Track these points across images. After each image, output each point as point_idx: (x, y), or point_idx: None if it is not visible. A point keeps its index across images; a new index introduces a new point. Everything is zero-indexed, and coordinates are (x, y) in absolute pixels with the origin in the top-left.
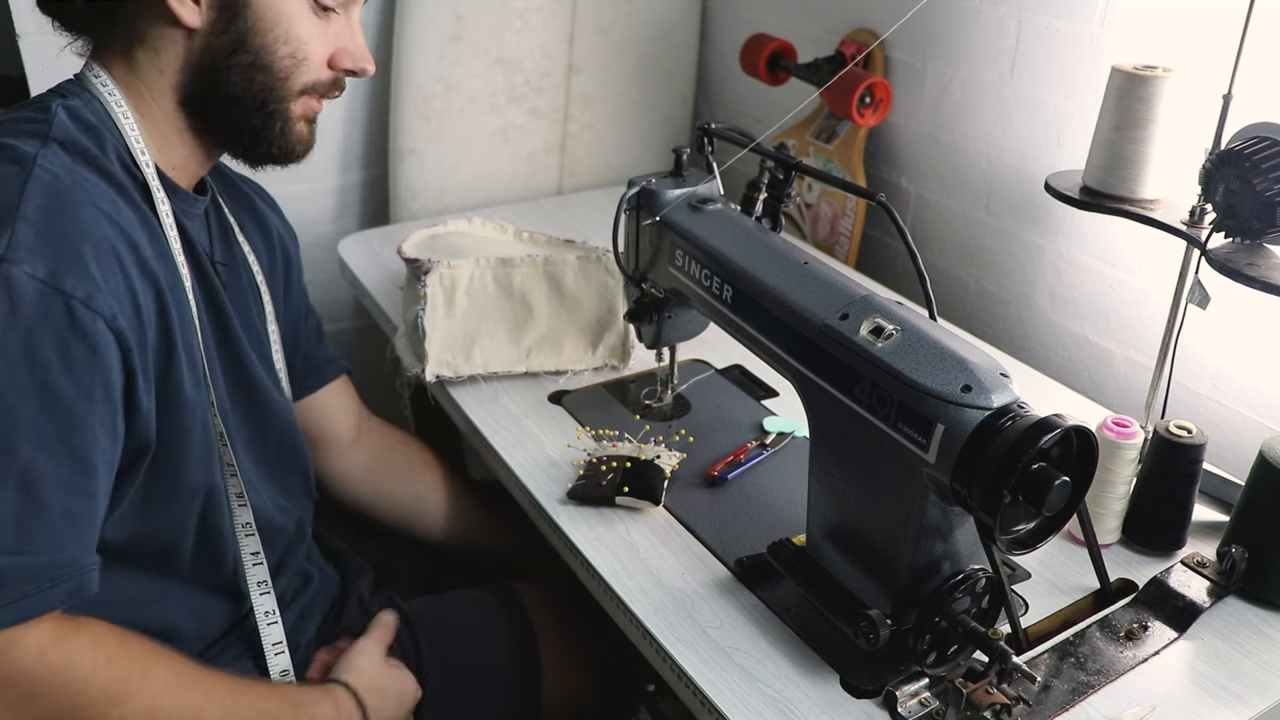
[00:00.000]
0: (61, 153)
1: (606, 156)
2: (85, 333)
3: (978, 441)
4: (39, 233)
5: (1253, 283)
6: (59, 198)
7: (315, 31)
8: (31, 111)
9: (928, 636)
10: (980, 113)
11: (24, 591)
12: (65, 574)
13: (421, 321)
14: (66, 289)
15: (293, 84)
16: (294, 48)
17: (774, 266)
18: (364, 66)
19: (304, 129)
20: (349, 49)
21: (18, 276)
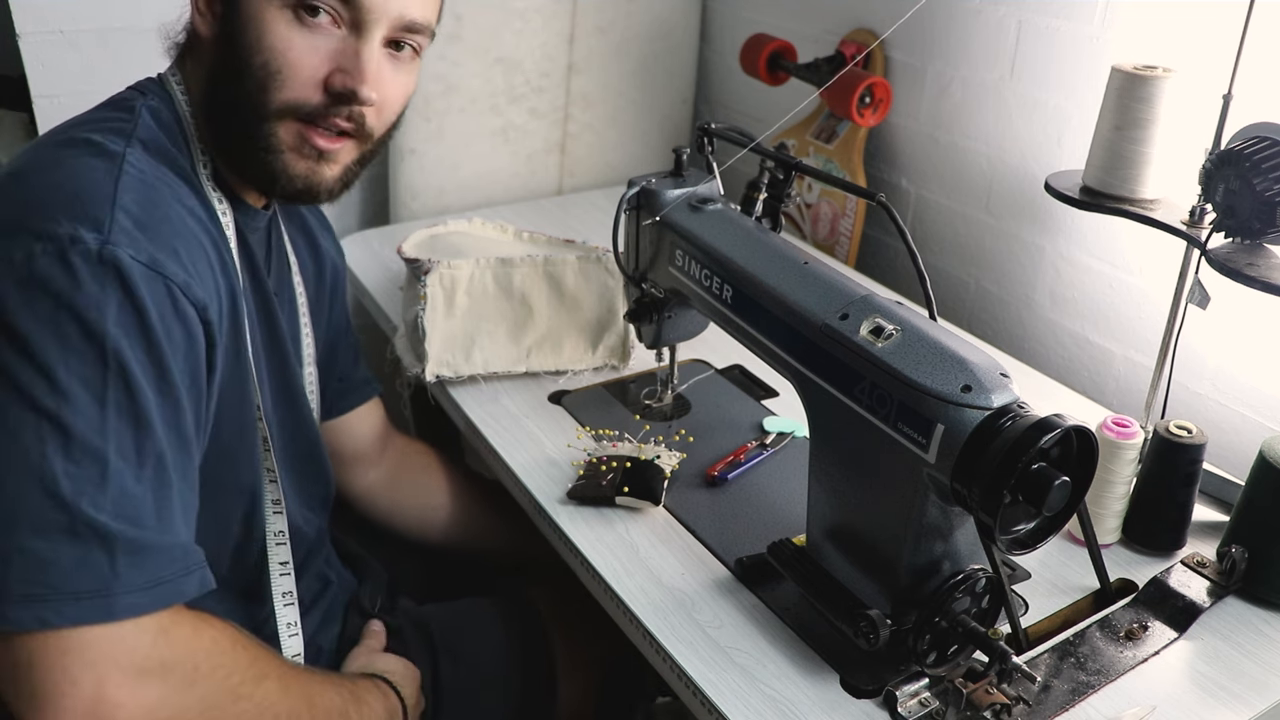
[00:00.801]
0: (144, 153)
1: (606, 156)
2: (185, 317)
3: (978, 441)
4: (136, 223)
5: (1253, 283)
6: (149, 193)
7: (298, 44)
8: (116, 111)
9: (928, 636)
10: (980, 113)
11: (164, 575)
12: (195, 562)
13: (421, 321)
14: (168, 274)
15: (267, 99)
16: (266, 57)
17: (774, 266)
18: (354, 88)
19: (295, 161)
20: (344, 67)
21: (124, 258)
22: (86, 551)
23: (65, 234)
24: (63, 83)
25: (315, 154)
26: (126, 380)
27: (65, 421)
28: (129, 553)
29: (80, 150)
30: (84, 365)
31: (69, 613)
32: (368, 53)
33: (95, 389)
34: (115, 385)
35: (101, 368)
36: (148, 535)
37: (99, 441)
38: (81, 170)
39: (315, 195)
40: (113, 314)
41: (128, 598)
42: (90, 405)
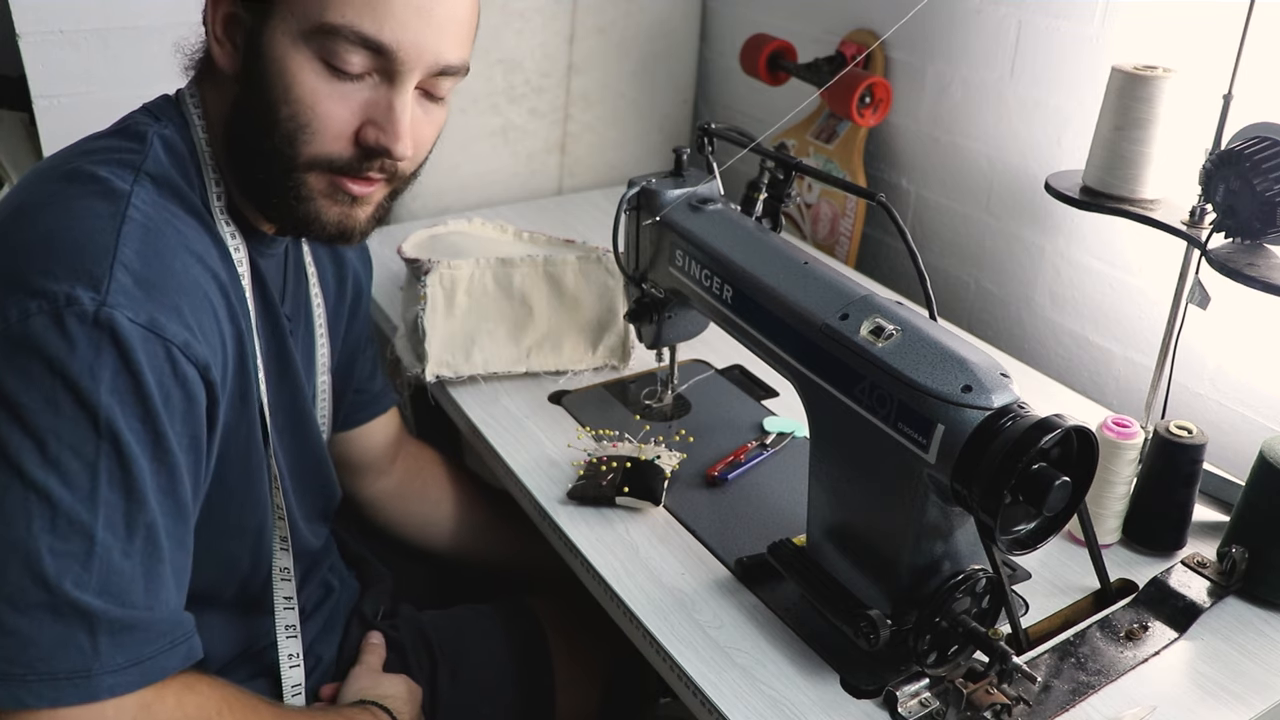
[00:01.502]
0: (152, 189)
1: (606, 156)
2: (185, 379)
3: (978, 442)
4: (137, 280)
5: (1253, 283)
6: (153, 242)
7: (327, 95)
8: (127, 139)
9: (928, 636)
10: (980, 113)
11: (147, 653)
12: (182, 635)
13: (421, 321)
14: (168, 335)
15: (295, 152)
16: (293, 109)
17: (774, 266)
18: (387, 145)
19: (328, 207)
20: (377, 122)
21: (121, 321)
22: (68, 631)
23: (61, 293)
24: (63, 83)
25: (348, 199)
26: (119, 451)
27: (53, 495)
28: (112, 632)
29: (85, 188)
30: (75, 434)
31: (47, 694)
32: (401, 105)
33: (87, 459)
34: (107, 456)
35: (94, 437)
36: (133, 613)
37: (87, 516)
38: (84, 215)
39: (349, 238)
40: (107, 381)
41: (109, 678)
42: (80, 476)
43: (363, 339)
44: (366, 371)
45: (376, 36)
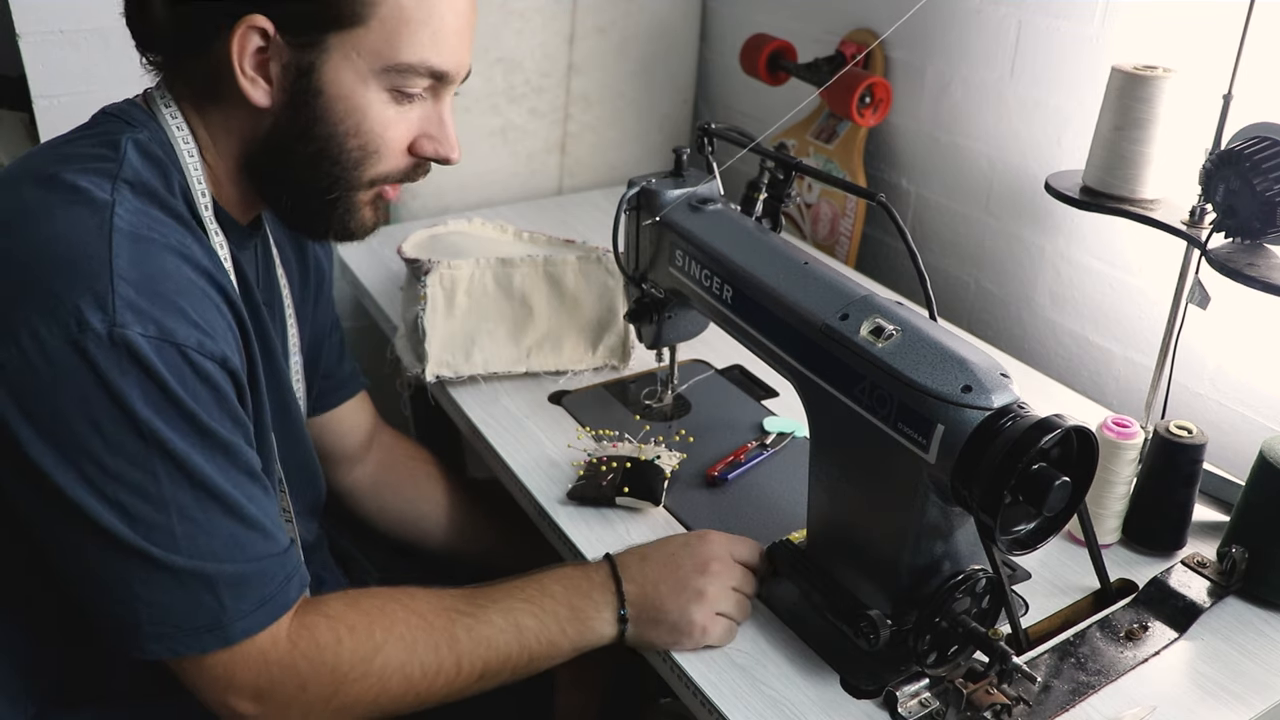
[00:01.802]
0: (131, 196)
1: (606, 156)
2: (206, 376)
3: (978, 442)
4: (138, 289)
5: (1253, 283)
6: (144, 248)
7: (392, 120)
8: (99, 146)
9: (928, 637)
10: (980, 113)
11: (267, 594)
12: (293, 568)
13: (421, 322)
14: (179, 340)
15: (361, 175)
16: (364, 140)
17: (774, 266)
18: (447, 155)
19: (368, 214)
20: (432, 135)
21: (134, 339)
22: (194, 595)
23: (70, 315)
24: (63, 83)
25: (385, 205)
26: (171, 455)
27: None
28: (230, 586)
29: (66, 198)
30: (126, 450)
31: (194, 644)
32: (449, 116)
33: (145, 468)
34: (162, 461)
35: (143, 448)
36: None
37: (162, 518)
38: (70, 227)
39: (368, 234)
40: (139, 397)
41: (240, 624)
42: (144, 485)
43: (328, 323)
44: (334, 355)
45: (441, 67)
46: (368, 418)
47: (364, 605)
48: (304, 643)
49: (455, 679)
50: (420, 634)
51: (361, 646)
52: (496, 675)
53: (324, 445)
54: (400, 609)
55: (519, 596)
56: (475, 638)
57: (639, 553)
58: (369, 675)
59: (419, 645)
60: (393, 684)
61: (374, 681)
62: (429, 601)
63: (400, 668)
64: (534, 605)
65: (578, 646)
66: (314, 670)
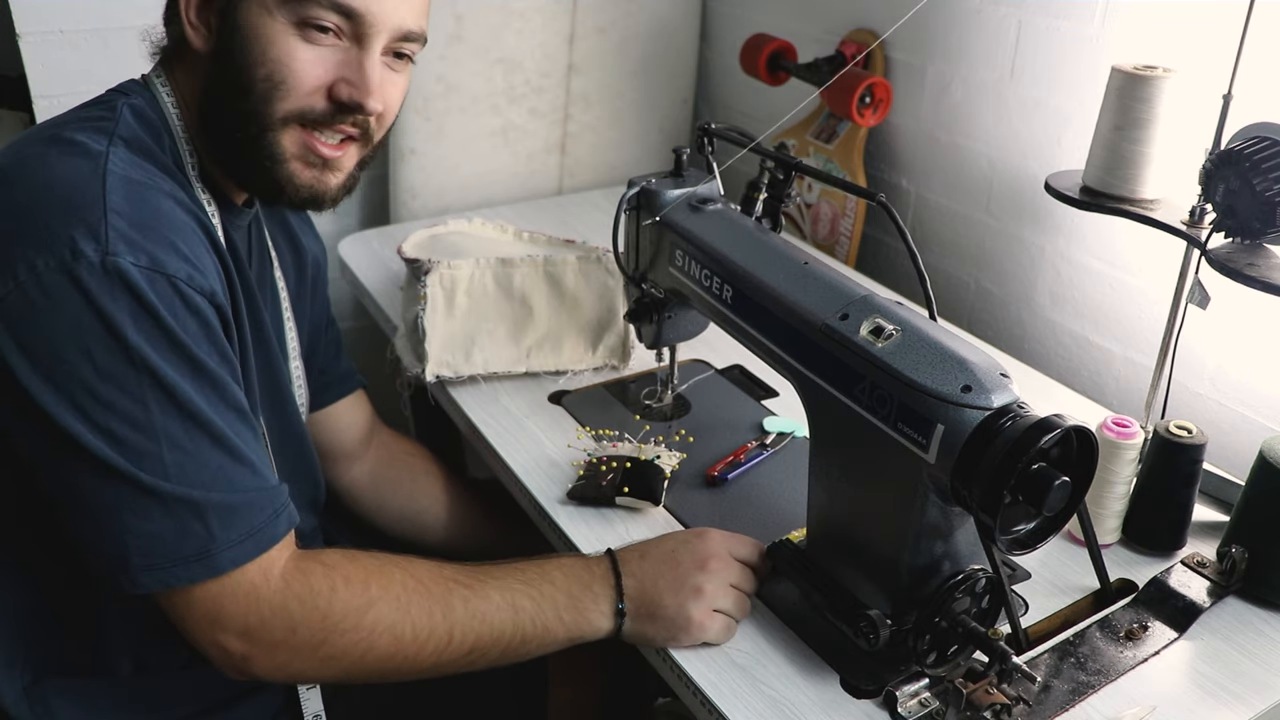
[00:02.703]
0: (125, 150)
1: (606, 156)
2: (195, 307)
3: (978, 442)
4: (131, 223)
5: (1253, 283)
6: (137, 189)
7: (302, 56)
8: (98, 109)
9: (928, 636)
10: (980, 113)
11: (256, 524)
12: (281, 504)
13: (421, 321)
14: (170, 271)
15: (271, 110)
16: (270, 69)
17: (774, 266)
18: (360, 100)
19: (300, 170)
20: (349, 78)
21: (126, 267)
22: (182, 523)
23: (64, 246)
24: (63, 83)
25: (320, 162)
26: (160, 382)
27: (116, 433)
28: (218, 514)
29: (63, 149)
30: (118, 377)
31: (183, 575)
32: (370, 64)
33: (135, 396)
34: (152, 388)
35: (135, 374)
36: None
37: (152, 446)
38: (67, 171)
39: (320, 203)
40: (129, 324)
41: (228, 553)
42: (134, 412)
43: (324, 320)
44: (331, 353)
45: (348, 2)
46: (365, 416)
47: (363, 560)
48: (297, 585)
49: (445, 648)
50: (415, 597)
51: (355, 598)
52: (486, 653)
53: (322, 443)
54: (399, 570)
55: (519, 578)
56: (470, 610)
57: (639, 549)
58: (359, 628)
59: (413, 608)
60: (381, 641)
61: (364, 635)
62: (429, 569)
63: (391, 627)
64: (533, 589)
65: (572, 636)
66: (305, 614)
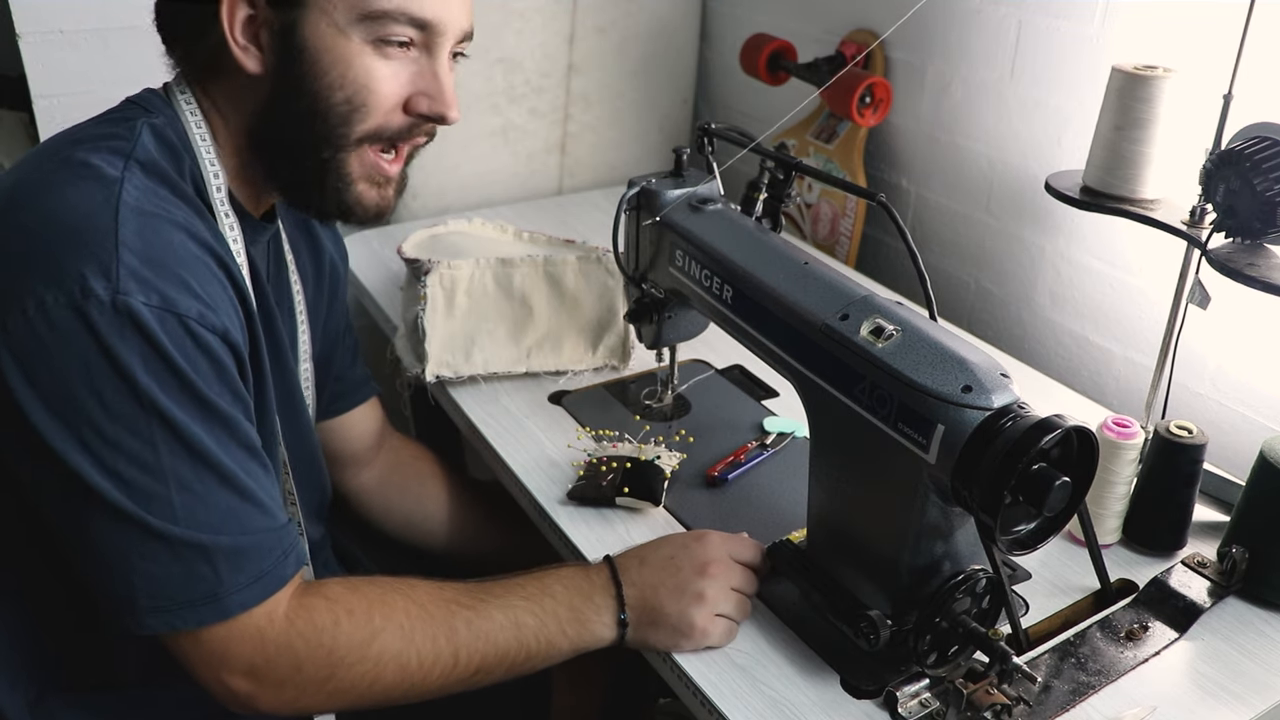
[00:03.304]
0: (141, 174)
1: (606, 156)
2: (207, 347)
3: (978, 442)
4: (142, 259)
5: (1253, 283)
6: (150, 221)
7: (379, 74)
8: (116, 126)
9: (928, 637)
10: (980, 113)
11: (264, 568)
12: (290, 544)
13: (421, 322)
14: (181, 310)
15: (350, 131)
16: (350, 92)
17: (774, 266)
18: (442, 112)
19: (367, 191)
20: (427, 91)
21: (137, 307)
22: (190, 566)
23: (74, 283)
24: (63, 83)
25: (384, 180)
26: (169, 424)
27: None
28: (226, 558)
29: (77, 173)
30: (126, 418)
31: (191, 617)
32: (444, 73)
33: (144, 437)
34: (160, 429)
35: (143, 415)
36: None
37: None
38: (79, 198)
39: (383, 217)
40: (139, 364)
41: (236, 596)
42: (142, 453)
43: (341, 327)
44: (347, 360)
45: (421, 14)
46: (378, 422)
47: (365, 591)
48: (301, 622)
49: (451, 671)
50: (419, 624)
51: (359, 631)
52: (492, 671)
53: (333, 448)
54: (401, 598)
55: (520, 594)
56: (474, 632)
57: (638, 555)
58: (365, 660)
59: (417, 635)
60: (388, 671)
61: (370, 667)
62: (430, 592)
63: (396, 656)
64: (534, 604)
65: (577, 647)
66: (310, 651)
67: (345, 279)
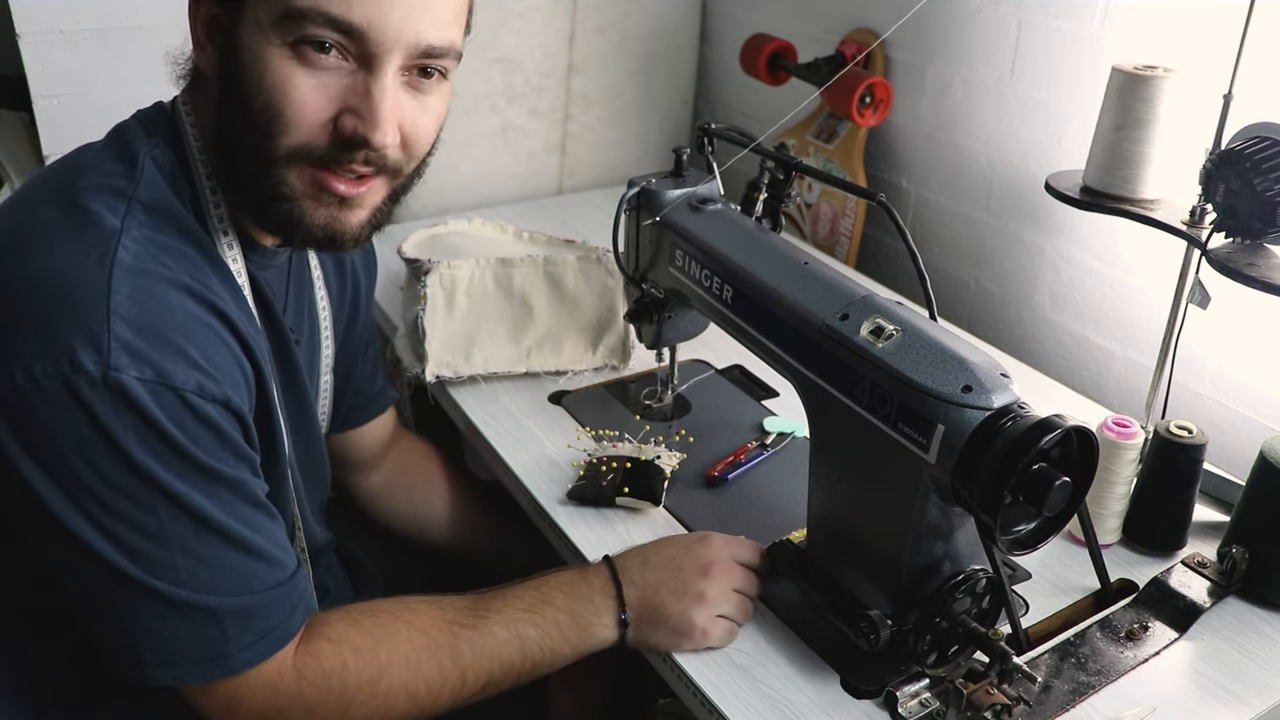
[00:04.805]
0: (144, 219)
1: (606, 156)
2: (206, 418)
3: (978, 442)
4: (136, 329)
5: (1253, 283)
6: (145, 284)
7: (300, 83)
8: (118, 161)
9: (928, 637)
10: (980, 113)
11: (272, 624)
12: (298, 596)
13: (421, 322)
14: (177, 384)
15: (273, 145)
16: (267, 98)
17: (774, 266)
18: (365, 134)
19: (313, 209)
20: (355, 109)
21: (129, 383)
22: (197, 627)
23: (64, 355)
24: (63, 83)
25: (335, 200)
26: (170, 495)
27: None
28: (234, 618)
29: (74, 222)
30: (124, 489)
31: (198, 674)
32: (379, 91)
33: (145, 507)
34: (161, 500)
35: (142, 488)
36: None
37: (164, 555)
38: (72, 257)
39: (340, 244)
40: (135, 441)
41: (243, 654)
42: (144, 521)
43: (364, 341)
44: (367, 373)
45: (345, 16)
46: (390, 428)
47: (366, 625)
48: (309, 670)
49: (460, 692)
50: (424, 652)
51: (366, 670)
52: (500, 684)
53: (345, 454)
54: (403, 626)
55: (519, 606)
56: (478, 651)
57: (639, 556)
58: (375, 697)
59: (423, 664)
60: (399, 702)
61: (380, 702)
62: (431, 616)
63: (405, 687)
64: (535, 615)
65: (579, 651)
66: (321, 696)
67: (370, 290)
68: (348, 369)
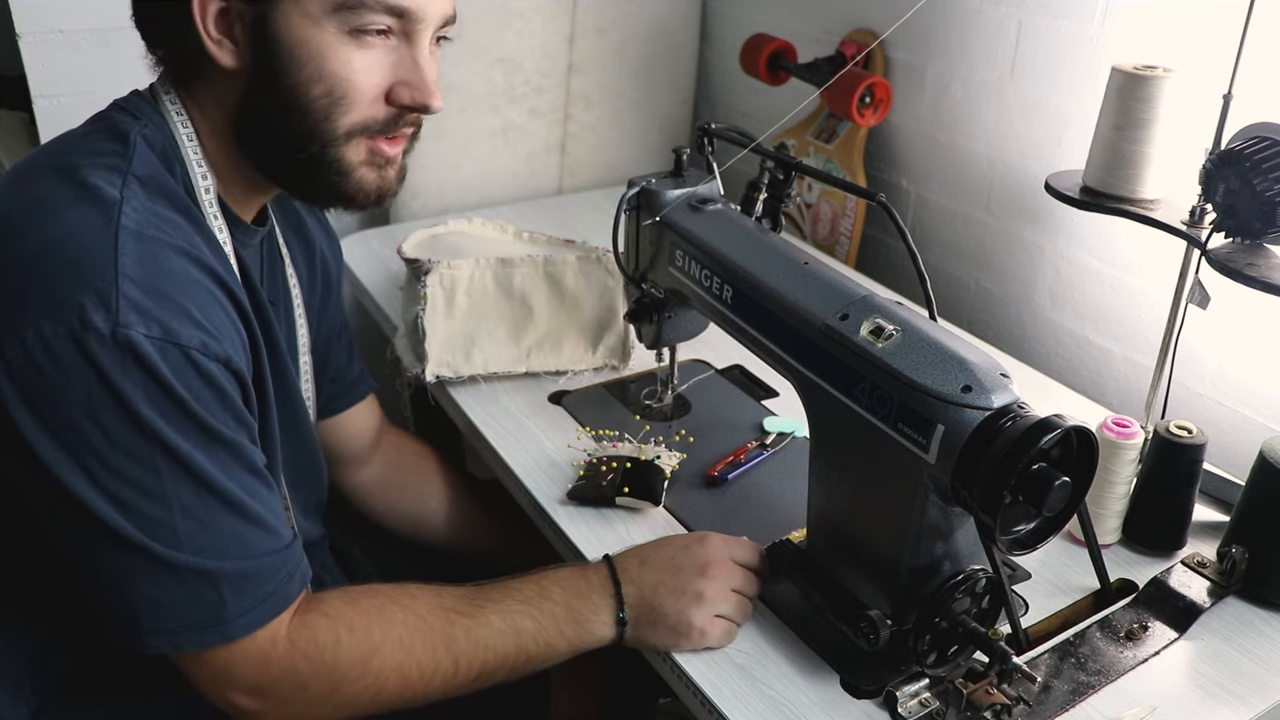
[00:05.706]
0: (140, 191)
1: (606, 156)
2: (210, 377)
3: (978, 442)
4: (143, 289)
5: (1253, 283)
6: (149, 248)
7: (358, 65)
8: (109, 140)
9: (928, 637)
10: (980, 113)
11: (268, 590)
12: (294, 564)
13: (421, 322)
14: (183, 341)
15: (334, 126)
16: (329, 85)
17: (774, 266)
18: (424, 101)
19: (368, 175)
20: (408, 81)
21: (138, 339)
22: (194, 591)
23: (74, 314)
24: (63, 83)
25: (384, 162)
26: (173, 453)
27: (127, 501)
28: (231, 583)
29: (75, 195)
30: (129, 447)
31: (195, 639)
32: (425, 61)
33: (147, 466)
34: (164, 458)
35: (146, 445)
36: (243, 563)
37: (164, 514)
38: (78, 224)
39: (384, 200)
40: (142, 397)
41: (240, 620)
42: (146, 480)
43: (337, 325)
44: (343, 358)
45: (399, 2)
46: (375, 419)
47: (363, 604)
48: (303, 642)
49: (452, 679)
50: (418, 635)
51: (360, 647)
52: (493, 675)
53: (332, 446)
54: (399, 609)
55: (517, 598)
56: (473, 639)
57: (638, 555)
58: (366, 675)
59: (417, 646)
60: (390, 683)
61: (371, 681)
62: (428, 601)
63: (397, 668)
64: (532, 607)
65: (575, 648)
66: (313, 669)
67: (339, 276)
68: (324, 354)
